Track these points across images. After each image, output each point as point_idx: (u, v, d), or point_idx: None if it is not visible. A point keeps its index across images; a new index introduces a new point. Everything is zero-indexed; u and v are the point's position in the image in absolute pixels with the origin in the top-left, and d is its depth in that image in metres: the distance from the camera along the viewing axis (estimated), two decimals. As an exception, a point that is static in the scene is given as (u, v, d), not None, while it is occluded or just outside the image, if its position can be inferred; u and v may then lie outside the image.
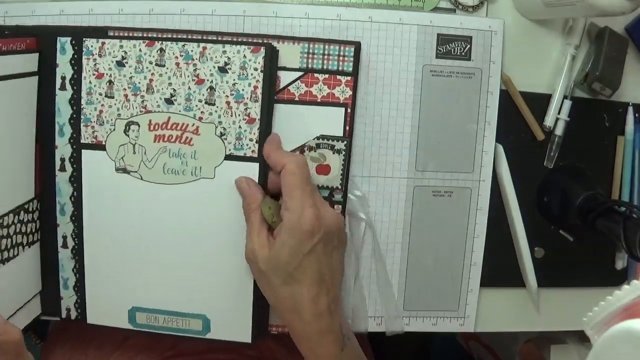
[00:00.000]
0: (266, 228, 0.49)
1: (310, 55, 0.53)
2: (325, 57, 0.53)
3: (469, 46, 0.56)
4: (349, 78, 0.53)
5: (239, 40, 0.52)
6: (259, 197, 0.50)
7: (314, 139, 0.54)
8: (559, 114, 0.58)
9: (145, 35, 0.52)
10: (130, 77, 0.51)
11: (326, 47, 0.53)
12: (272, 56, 0.51)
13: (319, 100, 0.53)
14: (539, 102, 0.58)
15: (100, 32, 0.52)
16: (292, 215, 0.47)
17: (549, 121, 0.58)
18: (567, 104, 0.57)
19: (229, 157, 0.52)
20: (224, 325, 0.55)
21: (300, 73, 0.53)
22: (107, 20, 0.53)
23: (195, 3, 0.53)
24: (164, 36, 0.52)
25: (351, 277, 0.57)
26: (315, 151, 0.54)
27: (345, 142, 0.54)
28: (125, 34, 0.52)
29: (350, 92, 0.53)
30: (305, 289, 0.48)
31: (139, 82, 0.51)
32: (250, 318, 0.54)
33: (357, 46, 0.53)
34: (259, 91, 0.51)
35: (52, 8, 0.53)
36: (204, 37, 0.52)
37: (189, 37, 0.52)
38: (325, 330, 0.48)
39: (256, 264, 0.48)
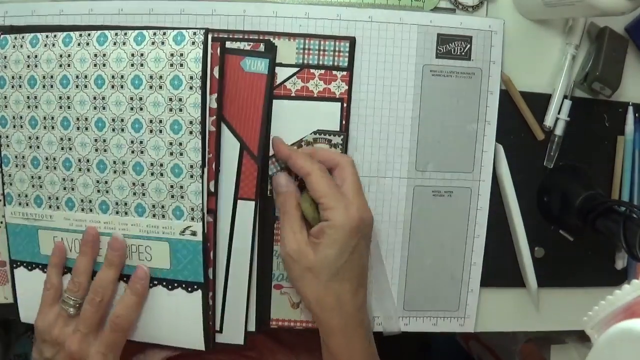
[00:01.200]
0: (305, 227, 0.50)
1: (306, 51, 0.53)
2: (321, 52, 0.53)
3: (469, 46, 0.56)
4: (344, 73, 0.54)
5: (236, 37, 0.52)
6: (298, 196, 0.51)
7: (311, 133, 0.54)
8: (559, 114, 0.58)
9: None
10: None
11: (321, 42, 0.53)
12: (270, 62, 0.52)
13: (315, 95, 0.54)
14: (539, 102, 0.58)
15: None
16: (337, 213, 0.48)
17: (549, 121, 0.58)
18: (567, 103, 0.57)
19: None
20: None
21: (297, 69, 0.53)
22: (107, 20, 0.53)
23: (195, 3, 0.53)
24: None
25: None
26: (312, 146, 0.54)
27: (342, 136, 0.54)
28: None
29: (346, 87, 0.54)
30: (349, 285, 0.49)
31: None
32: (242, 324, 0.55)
33: (352, 41, 0.53)
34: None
35: (52, 8, 0.53)
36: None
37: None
38: (361, 324, 0.50)
39: (300, 262, 0.49)
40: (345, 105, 0.54)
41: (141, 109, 0.49)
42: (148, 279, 0.51)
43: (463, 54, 0.56)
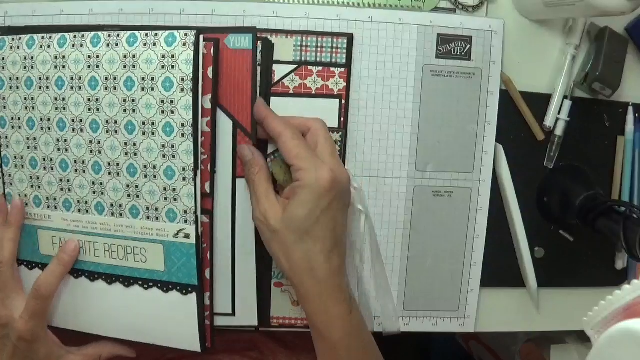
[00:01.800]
0: (273, 189, 0.50)
1: (304, 48, 0.53)
2: (319, 49, 0.53)
3: (469, 46, 0.56)
4: (342, 70, 0.54)
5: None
6: (261, 162, 0.50)
7: None
8: (559, 114, 0.58)
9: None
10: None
11: (319, 39, 0.53)
12: (268, 49, 0.52)
13: (313, 92, 0.54)
14: (539, 102, 0.58)
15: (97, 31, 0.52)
16: (307, 174, 0.47)
17: (549, 121, 0.58)
18: (567, 104, 0.57)
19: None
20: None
21: (294, 66, 0.53)
22: (107, 20, 0.53)
23: (195, 3, 0.53)
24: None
25: (354, 278, 0.57)
26: None
27: (340, 133, 0.54)
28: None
29: (344, 84, 0.54)
30: (320, 246, 0.48)
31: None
32: (255, 303, 0.55)
33: (350, 38, 0.53)
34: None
35: (52, 8, 0.53)
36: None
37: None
38: (337, 289, 0.49)
39: (268, 224, 0.48)
40: (343, 102, 0.54)
41: (134, 110, 0.49)
42: (77, 252, 0.52)
43: (463, 54, 0.56)
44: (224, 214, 0.53)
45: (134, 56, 0.49)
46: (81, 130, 0.50)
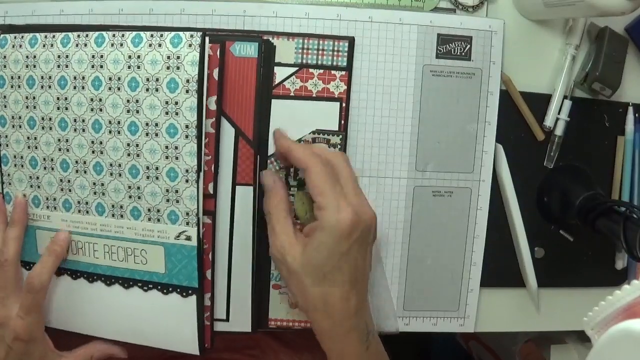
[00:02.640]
0: (292, 224, 0.49)
1: (305, 51, 0.53)
2: (320, 52, 0.53)
3: (469, 46, 0.56)
4: (343, 73, 0.54)
5: (235, 35, 0.52)
6: (282, 193, 0.50)
7: (310, 133, 0.54)
8: (559, 114, 0.58)
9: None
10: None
11: (320, 42, 0.53)
12: (269, 51, 0.52)
13: (314, 95, 0.54)
14: (539, 102, 0.58)
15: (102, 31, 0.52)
16: (328, 214, 0.45)
17: (549, 121, 0.58)
18: (567, 104, 0.57)
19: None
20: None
21: (295, 68, 0.53)
22: (108, 20, 0.53)
23: (195, 3, 0.53)
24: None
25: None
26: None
27: (340, 136, 0.54)
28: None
29: (345, 87, 0.54)
30: (338, 290, 0.46)
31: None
32: (249, 309, 0.55)
33: (351, 41, 0.53)
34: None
35: (52, 8, 0.53)
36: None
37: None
38: (353, 328, 0.47)
39: (286, 263, 0.47)
40: (344, 105, 0.54)
41: (137, 111, 0.49)
42: (68, 242, 0.51)
43: (463, 54, 0.56)
44: (224, 220, 0.53)
45: (138, 57, 0.49)
46: (83, 130, 0.50)
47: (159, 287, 0.52)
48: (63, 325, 0.54)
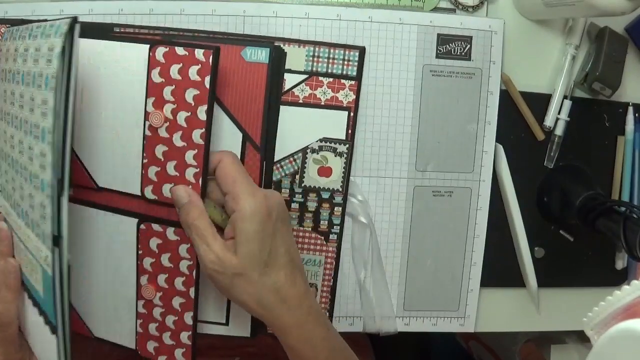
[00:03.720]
0: (217, 232, 0.46)
1: (315, 59, 0.53)
2: (330, 60, 0.53)
3: (469, 46, 0.56)
4: (352, 82, 0.53)
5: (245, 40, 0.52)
6: (201, 205, 0.46)
7: (316, 141, 0.54)
8: (559, 114, 0.58)
9: (152, 33, 0.51)
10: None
11: (331, 50, 0.53)
12: (279, 57, 0.52)
13: (322, 103, 0.53)
14: (539, 102, 0.58)
15: (105, 30, 0.52)
16: (245, 202, 0.45)
17: (549, 121, 0.58)
18: (567, 104, 0.57)
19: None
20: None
21: (305, 76, 0.53)
22: (107, 20, 0.53)
23: (195, 3, 0.53)
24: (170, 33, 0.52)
25: (355, 283, 0.57)
26: (317, 153, 0.54)
27: (347, 145, 0.54)
28: (131, 31, 0.52)
29: (354, 96, 0.54)
30: (282, 274, 0.46)
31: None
32: (249, 316, 0.55)
33: (362, 51, 0.53)
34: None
35: (52, 8, 0.53)
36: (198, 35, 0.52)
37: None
38: (311, 311, 0.47)
39: (225, 271, 0.45)
40: (352, 114, 0.54)
41: (32, 110, 0.42)
42: (19, 272, 0.45)
43: (463, 54, 0.56)
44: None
45: (26, 49, 0.42)
46: (9, 123, 0.45)
47: (43, 315, 0.43)
48: None
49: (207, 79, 0.46)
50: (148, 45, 0.46)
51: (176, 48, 0.46)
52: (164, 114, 0.47)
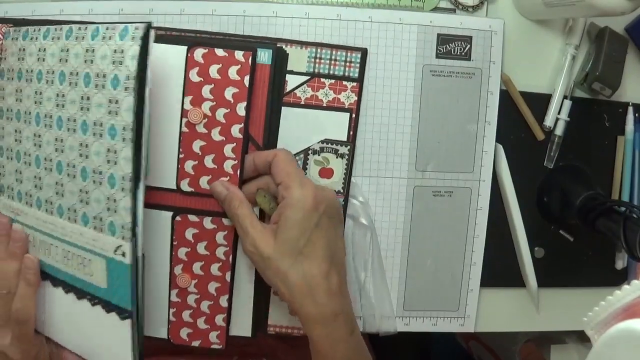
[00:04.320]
0: (257, 218, 0.49)
1: (317, 60, 0.53)
2: (332, 62, 0.53)
3: (469, 46, 0.56)
4: (354, 84, 0.54)
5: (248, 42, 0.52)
6: (240, 195, 0.49)
7: (318, 142, 0.54)
8: (559, 114, 0.58)
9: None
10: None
11: (333, 52, 0.53)
12: (282, 59, 0.52)
13: (324, 104, 0.54)
14: (539, 102, 0.58)
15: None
16: (293, 191, 0.47)
17: (549, 121, 0.58)
18: (567, 104, 0.57)
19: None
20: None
21: (307, 77, 0.53)
22: (108, 20, 0.53)
23: (195, 3, 0.53)
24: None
25: (356, 284, 0.57)
26: (319, 155, 0.54)
27: (348, 146, 0.54)
28: (163, 33, 0.52)
29: (356, 98, 0.54)
30: (316, 265, 0.47)
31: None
32: (250, 314, 0.55)
33: (364, 52, 0.53)
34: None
35: (52, 8, 0.53)
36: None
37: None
38: (339, 311, 0.47)
39: (261, 253, 0.47)
40: (353, 116, 0.54)
41: (88, 109, 0.45)
42: (38, 268, 0.49)
43: (463, 54, 0.56)
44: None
45: (92, 50, 0.45)
46: (50, 126, 0.47)
47: (102, 304, 0.47)
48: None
49: (247, 78, 0.50)
50: (186, 47, 0.50)
51: (216, 49, 0.50)
52: (202, 111, 0.50)
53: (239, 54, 0.50)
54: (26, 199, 0.50)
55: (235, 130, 0.50)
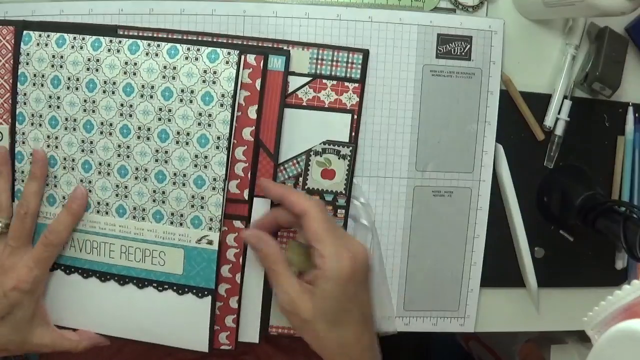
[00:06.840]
0: (295, 277, 0.49)
1: (319, 61, 0.53)
2: (334, 63, 0.53)
3: (469, 46, 0.56)
4: (356, 85, 0.54)
5: (250, 44, 0.52)
6: (278, 250, 0.50)
7: (320, 143, 0.54)
8: (559, 114, 0.58)
9: (154, 35, 0.52)
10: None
11: (335, 53, 0.53)
12: (286, 61, 0.52)
13: (326, 106, 0.54)
14: (539, 102, 0.58)
15: (108, 31, 0.52)
16: (329, 263, 0.46)
17: (549, 121, 0.58)
18: (567, 104, 0.57)
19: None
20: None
21: (309, 78, 0.53)
22: (107, 20, 0.53)
23: (195, 3, 0.53)
24: (172, 36, 0.52)
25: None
26: (321, 156, 0.54)
27: (350, 147, 0.54)
28: (134, 33, 0.52)
29: (357, 99, 0.54)
30: (352, 331, 0.48)
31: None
32: (258, 321, 0.56)
33: (366, 54, 0.54)
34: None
35: (52, 8, 0.53)
36: (202, 39, 0.52)
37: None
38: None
39: (298, 315, 0.48)
40: (355, 117, 0.54)
41: (169, 120, 0.50)
42: (85, 200, 0.52)
43: (463, 54, 0.56)
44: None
45: (174, 68, 0.50)
46: (110, 133, 0.51)
47: (175, 288, 0.53)
48: (74, 323, 0.54)
49: (258, 82, 0.51)
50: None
51: None
52: None
53: (250, 58, 0.51)
54: (64, 202, 0.52)
55: (247, 133, 0.52)
